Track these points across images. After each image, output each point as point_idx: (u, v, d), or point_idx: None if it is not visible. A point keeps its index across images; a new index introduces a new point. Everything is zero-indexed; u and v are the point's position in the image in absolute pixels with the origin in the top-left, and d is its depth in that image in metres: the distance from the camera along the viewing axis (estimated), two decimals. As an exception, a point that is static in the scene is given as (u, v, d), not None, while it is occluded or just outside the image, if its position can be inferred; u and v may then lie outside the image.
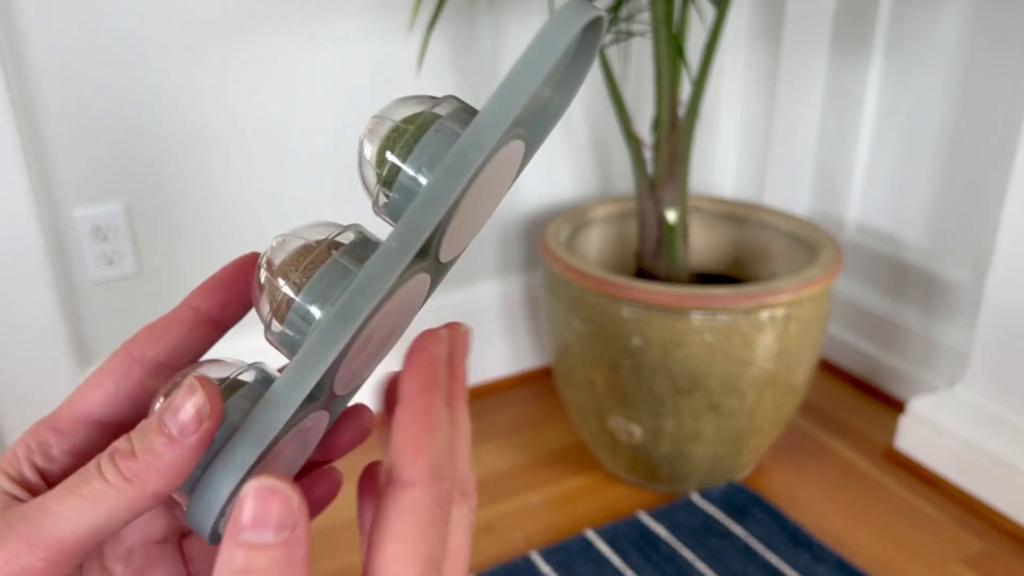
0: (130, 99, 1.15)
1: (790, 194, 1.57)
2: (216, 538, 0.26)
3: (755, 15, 1.55)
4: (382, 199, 0.31)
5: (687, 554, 1.12)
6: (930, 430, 1.26)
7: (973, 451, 1.20)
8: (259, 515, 0.23)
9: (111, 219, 1.18)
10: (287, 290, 0.29)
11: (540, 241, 1.26)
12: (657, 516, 1.18)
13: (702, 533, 1.15)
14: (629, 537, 1.14)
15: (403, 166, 0.30)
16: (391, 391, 0.30)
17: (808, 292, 1.09)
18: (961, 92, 1.28)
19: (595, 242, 1.38)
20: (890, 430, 1.35)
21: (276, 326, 0.29)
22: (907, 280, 1.42)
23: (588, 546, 1.13)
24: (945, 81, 1.30)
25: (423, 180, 0.30)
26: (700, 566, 1.10)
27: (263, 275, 0.30)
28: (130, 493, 0.26)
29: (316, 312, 0.28)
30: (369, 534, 0.26)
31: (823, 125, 1.50)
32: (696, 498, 1.21)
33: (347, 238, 0.30)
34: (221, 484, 0.26)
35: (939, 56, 1.30)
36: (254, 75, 1.21)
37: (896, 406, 1.40)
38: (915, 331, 1.41)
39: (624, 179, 1.54)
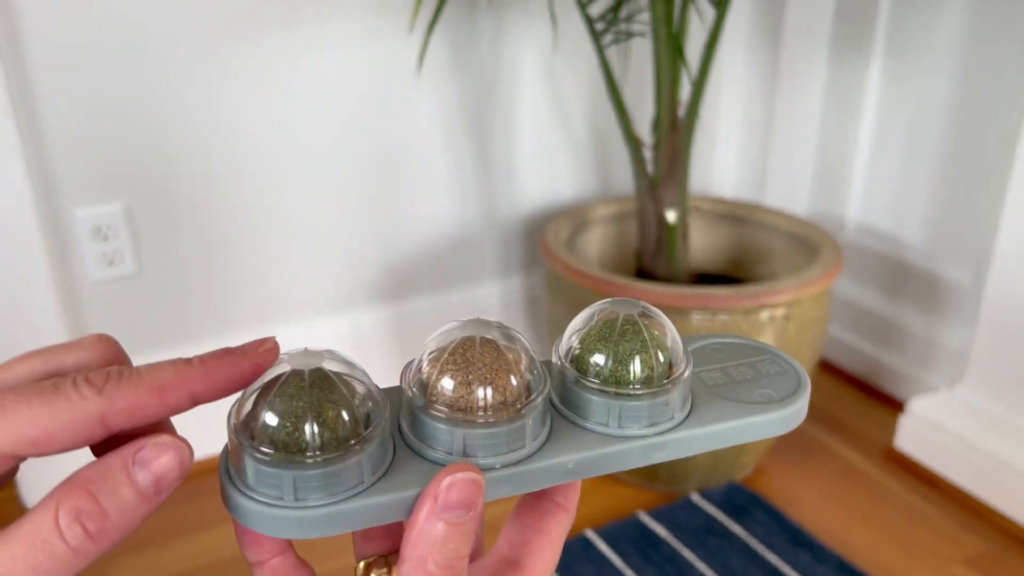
0: (131, 100, 1.15)
1: (790, 194, 1.57)
2: None
3: (755, 15, 1.55)
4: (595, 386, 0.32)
5: (687, 554, 1.12)
6: (930, 430, 1.26)
7: (973, 451, 1.20)
8: (464, 500, 0.28)
9: (111, 219, 1.18)
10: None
11: (540, 241, 1.26)
12: (657, 516, 1.18)
13: (702, 533, 1.15)
14: (629, 537, 1.14)
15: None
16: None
17: (808, 292, 1.09)
18: (961, 92, 1.28)
19: (595, 242, 1.38)
20: (890, 430, 1.35)
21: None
22: (907, 280, 1.42)
23: (588, 546, 1.13)
24: (945, 81, 1.30)
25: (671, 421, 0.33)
26: (700, 566, 1.10)
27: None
28: (92, 553, 0.25)
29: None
30: (520, 534, 0.34)
31: (823, 125, 1.50)
32: (696, 498, 1.22)
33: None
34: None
35: (939, 56, 1.30)
36: (255, 76, 1.21)
37: (896, 406, 1.40)
38: (915, 331, 1.41)
39: (624, 179, 1.54)
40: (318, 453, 0.28)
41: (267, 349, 0.29)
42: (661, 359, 0.32)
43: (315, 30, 1.22)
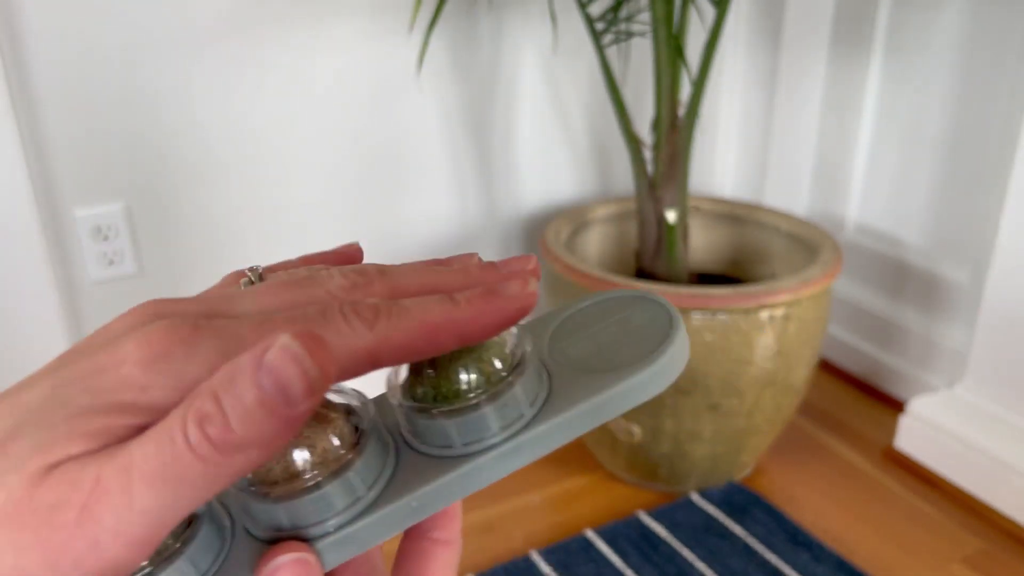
0: (130, 100, 1.15)
1: (790, 194, 1.57)
2: None
3: (755, 15, 1.55)
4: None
5: (687, 554, 1.12)
6: (930, 430, 1.26)
7: (973, 451, 1.20)
8: None
9: (112, 219, 1.18)
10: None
11: (540, 241, 1.26)
12: (657, 516, 1.18)
13: (702, 533, 1.15)
14: (629, 537, 1.15)
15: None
16: None
17: (807, 292, 1.09)
18: (960, 92, 1.28)
19: (595, 242, 1.38)
20: (890, 430, 1.35)
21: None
22: (907, 280, 1.42)
23: (588, 546, 1.13)
24: (944, 81, 1.30)
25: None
26: (700, 566, 1.10)
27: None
28: (223, 466, 0.22)
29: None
30: None
31: (823, 125, 1.50)
32: (696, 498, 1.22)
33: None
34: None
35: (939, 56, 1.30)
36: (254, 76, 1.21)
37: (896, 406, 1.40)
38: (915, 331, 1.41)
39: (624, 179, 1.55)
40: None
41: (531, 291, 0.27)
42: (492, 357, 0.29)
43: (315, 30, 1.22)
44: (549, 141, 1.47)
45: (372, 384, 0.29)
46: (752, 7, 1.55)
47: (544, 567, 1.09)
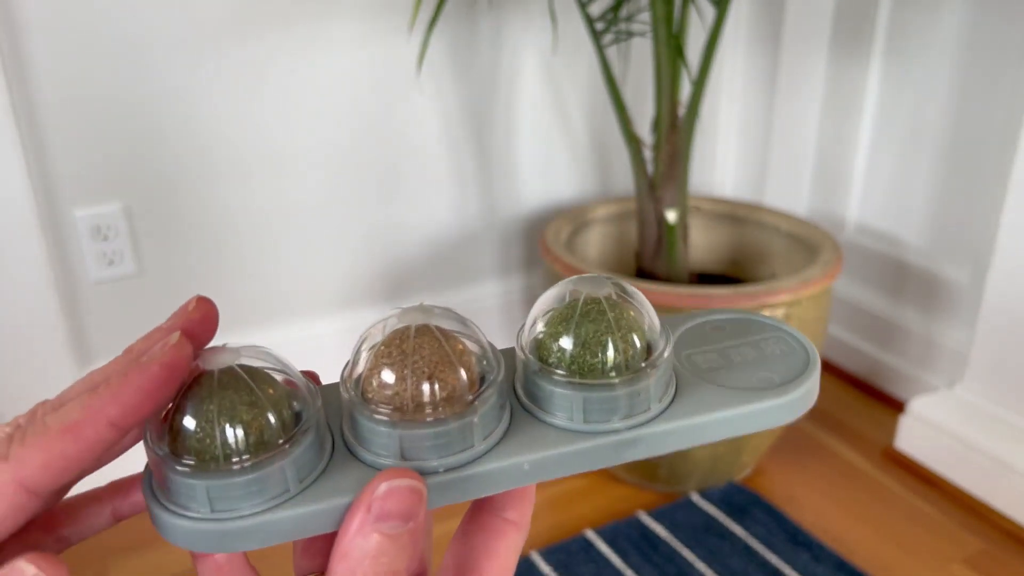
0: (130, 100, 1.15)
1: (790, 194, 1.57)
2: None
3: (755, 15, 1.55)
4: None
5: (687, 554, 1.12)
6: (930, 430, 1.26)
7: (972, 451, 1.20)
8: (403, 510, 0.25)
9: (111, 219, 1.18)
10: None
11: (540, 241, 1.26)
12: (657, 516, 1.18)
13: (702, 533, 1.15)
14: (629, 537, 1.14)
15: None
16: None
17: (807, 292, 1.09)
18: (960, 92, 1.28)
19: (595, 242, 1.38)
20: (890, 430, 1.35)
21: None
22: (907, 280, 1.42)
23: (588, 546, 1.13)
24: (945, 81, 1.30)
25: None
26: (700, 566, 1.10)
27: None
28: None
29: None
30: (467, 556, 0.30)
31: (823, 125, 1.50)
32: (696, 498, 1.22)
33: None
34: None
35: (939, 56, 1.30)
36: (254, 76, 1.21)
37: (896, 406, 1.40)
38: (915, 331, 1.41)
39: (624, 179, 1.54)
40: (235, 460, 0.25)
41: (173, 344, 0.26)
42: (636, 342, 0.28)
43: (314, 30, 1.22)
44: (549, 141, 1.47)
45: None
46: (752, 7, 1.55)
47: (544, 567, 1.09)
